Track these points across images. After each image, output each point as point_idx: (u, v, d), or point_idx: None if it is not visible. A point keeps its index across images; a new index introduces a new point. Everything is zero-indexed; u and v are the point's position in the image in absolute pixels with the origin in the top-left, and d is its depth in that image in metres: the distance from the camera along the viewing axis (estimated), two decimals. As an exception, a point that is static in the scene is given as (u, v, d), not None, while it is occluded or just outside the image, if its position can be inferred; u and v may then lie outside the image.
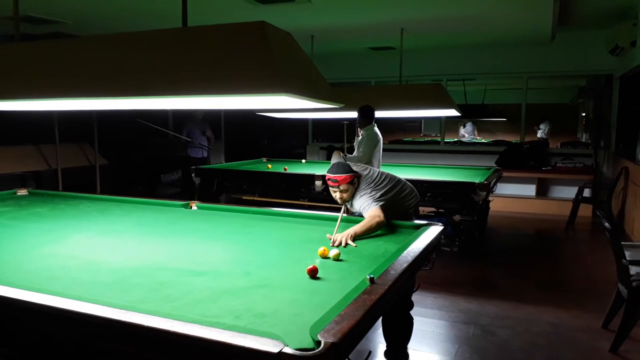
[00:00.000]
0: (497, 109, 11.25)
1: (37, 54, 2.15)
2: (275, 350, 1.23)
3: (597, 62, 7.31)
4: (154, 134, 7.86)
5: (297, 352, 1.22)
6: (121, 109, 2.22)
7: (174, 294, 1.71)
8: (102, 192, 6.02)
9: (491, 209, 5.76)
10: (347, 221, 2.75)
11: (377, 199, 2.80)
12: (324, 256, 2.17)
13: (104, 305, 1.51)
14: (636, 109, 6.65)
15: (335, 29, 6.35)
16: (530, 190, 7.80)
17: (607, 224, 3.05)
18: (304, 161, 6.78)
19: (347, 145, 5.18)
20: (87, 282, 1.83)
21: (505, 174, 6.03)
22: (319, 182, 4.73)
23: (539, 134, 11.81)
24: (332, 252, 2.17)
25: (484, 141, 11.43)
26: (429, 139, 12.32)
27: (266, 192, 5.18)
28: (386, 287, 1.69)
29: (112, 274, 1.93)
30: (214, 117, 9.14)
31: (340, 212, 2.81)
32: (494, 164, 7.13)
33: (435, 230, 2.55)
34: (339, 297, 1.62)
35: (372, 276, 1.74)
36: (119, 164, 7.06)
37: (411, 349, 2.58)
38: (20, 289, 1.65)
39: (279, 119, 6.03)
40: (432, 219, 4.25)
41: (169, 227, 2.84)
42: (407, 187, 3.17)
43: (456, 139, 11.47)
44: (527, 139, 8.71)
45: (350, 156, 4.52)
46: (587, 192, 6.97)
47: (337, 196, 2.88)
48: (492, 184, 4.72)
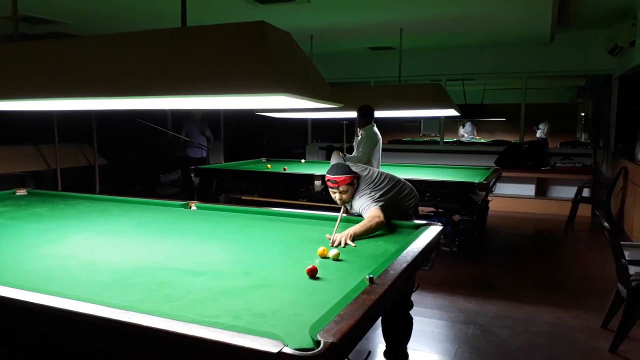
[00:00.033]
0: (496, 108, 11.26)
1: (36, 54, 2.14)
2: (274, 350, 1.23)
3: (596, 62, 7.32)
4: (154, 134, 7.86)
5: (297, 352, 1.22)
6: (120, 108, 2.22)
7: (173, 294, 1.71)
8: (102, 192, 6.02)
9: (490, 209, 5.77)
10: (347, 221, 2.74)
11: (376, 200, 2.80)
12: (324, 256, 2.17)
13: (103, 305, 1.51)
14: (635, 109, 6.66)
15: (334, 29, 6.35)
16: (529, 190, 7.80)
17: (606, 224, 3.05)
18: (303, 161, 6.79)
19: (346, 145, 5.18)
20: (86, 282, 1.83)
21: (504, 174, 6.03)
22: (318, 182, 4.73)
23: (538, 134, 11.82)
24: (332, 252, 2.17)
25: (483, 141, 11.44)
26: (428, 139, 12.32)
27: (265, 192, 5.18)
28: (386, 287, 1.69)
29: (111, 274, 1.93)
30: (213, 117, 9.13)
31: (339, 212, 2.81)
32: (493, 164, 7.12)
33: (434, 230, 2.55)
34: (339, 297, 1.62)
35: (371, 276, 1.74)
36: (118, 164, 7.05)
37: (411, 348, 2.58)
38: (19, 289, 1.65)
39: (279, 119, 6.03)
40: (431, 218, 4.26)
41: (169, 227, 2.84)
42: (407, 187, 3.17)
43: (455, 139, 11.47)
44: (526, 139, 8.72)
45: (349, 156, 4.52)
46: (586, 192, 6.97)
47: (336, 197, 2.88)
48: (491, 183, 4.73)
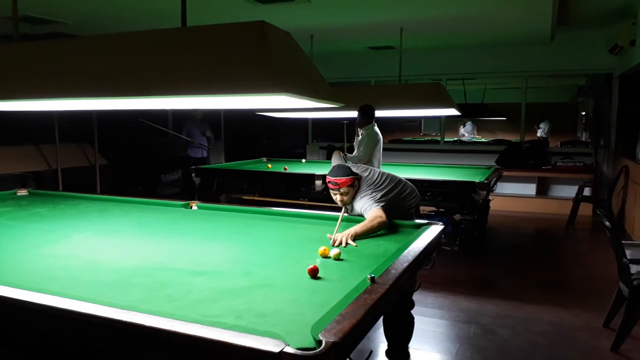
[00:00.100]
0: (496, 108, 11.26)
1: (36, 54, 2.14)
2: (276, 349, 1.22)
3: (597, 61, 7.31)
4: (154, 134, 7.86)
5: (298, 352, 1.22)
6: (121, 109, 2.22)
7: (175, 294, 1.71)
8: (102, 192, 6.02)
9: (491, 208, 5.77)
10: (348, 221, 2.74)
11: (378, 200, 2.79)
12: (325, 256, 2.17)
13: (105, 305, 1.51)
14: (636, 108, 6.65)
15: (334, 29, 6.34)
16: (530, 189, 7.80)
17: (607, 223, 3.04)
18: (304, 161, 6.78)
19: (347, 144, 5.18)
20: (87, 282, 1.83)
21: (505, 173, 6.02)
22: (319, 182, 4.73)
23: (538, 133, 11.81)
24: (333, 252, 2.17)
25: (483, 140, 11.43)
26: (429, 138, 12.32)
27: (266, 192, 5.18)
28: (387, 287, 1.69)
29: (113, 274, 1.93)
30: (214, 117, 9.13)
31: (340, 211, 2.81)
32: (494, 163, 7.12)
33: (435, 229, 2.55)
34: (340, 297, 1.62)
35: (372, 275, 1.74)
36: (119, 164, 7.06)
37: (412, 348, 2.58)
38: (20, 289, 1.65)
39: (279, 118, 6.02)
40: (432, 218, 4.25)
41: (170, 227, 2.84)
42: (408, 187, 3.17)
43: (456, 138, 11.47)
44: (527, 138, 8.71)
45: (350, 156, 4.52)
46: (587, 191, 6.96)
47: (337, 198, 2.88)
48: (492, 183, 4.72)
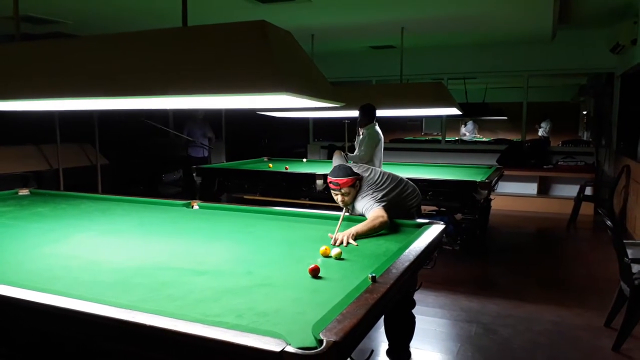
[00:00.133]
0: (498, 107, 11.24)
1: (37, 54, 2.14)
2: (277, 349, 1.22)
3: (598, 60, 7.30)
4: (155, 134, 7.86)
5: (300, 351, 1.22)
6: (122, 108, 2.22)
7: (176, 294, 1.71)
8: (104, 192, 6.03)
9: (493, 208, 5.76)
10: (349, 220, 2.74)
11: (379, 200, 2.79)
12: (326, 255, 2.17)
13: (106, 304, 1.51)
14: (637, 108, 6.64)
15: (335, 28, 6.34)
16: (531, 188, 7.79)
17: (608, 222, 3.04)
18: (305, 160, 6.78)
19: (348, 144, 5.18)
20: (88, 282, 1.83)
21: (506, 173, 6.02)
22: (320, 181, 4.73)
23: (540, 133, 11.80)
24: (334, 251, 2.17)
25: (485, 140, 11.41)
26: (430, 137, 12.31)
27: (267, 192, 5.18)
28: (388, 286, 1.69)
29: (114, 274, 1.93)
30: (215, 117, 9.13)
31: (341, 211, 2.80)
32: (495, 163, 7.12)
33: (436, 229, 2.55)
34: (341, 296, 1.62)
35: (374, 275, 1.74)
36: (120, 164, 7.06)
37: (413, 347, 2.58)
38: (21, 288, 1.65)
39: (280, 118, 6.03)
40: (433, 217, 4.25)
41: (171, 226, 2.84)
42: (409, 186, 3.17)
43: (457, 138, 11.46)
44: (528, 138, 8.70)
45: (351, 155, 4.52)
46: (588, 191, 6.95)
47: (338, 199, 2.88)
48: (493, 182, 4.72)
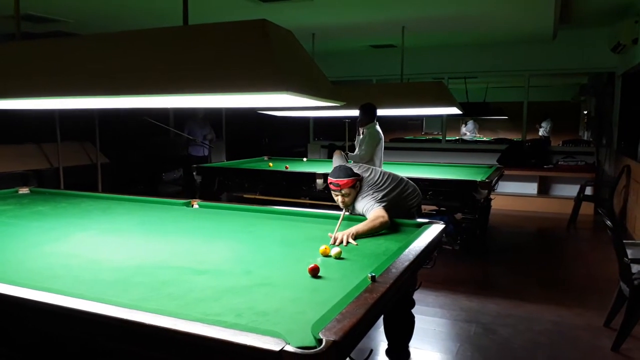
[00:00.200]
0: (498, 107, 11.24)
1: (37, 53, 2.14)
2: (277, 348, 1.23)
3: (599, 59, 7.30)
4: (156, 133, 7.86)
5: (299, 350, 1.22)
6: (122, 107, 2.22)
7: (176, 293, 1.71)
8: (104, 191, 6.03)
9: (493, 207, 5.76)
10: (349, 219, 2.75)
11: (379, 200, 2.79)
12: (326, 254, 2.17)
13: (106, 303, 1.51)
14: (638, 107, 6.63)
15: (336, 27, 6.34)
16: (531, 188, 7.79)
17: (608, 222, 3.04)
18: (305, 159, 6.78)
19: (348, 143, 5.18)
20: (88, 281, 1.84)
21: (506, 172, 6.02)
22: (320, 181, 4.73)
23: (540, 132, 11.80)
24: (334, 251, 2.16)
25: (485, 139, 11.41)
26: (431, 137, 12.31)
27: (267, 191, 5.18)
28: (388, 286, 1.69)
29: (114, 273, 1.93)
30: (215, 116, 9.13)
31: (341, 210, 2.80)
32: (495, 162, 7.11)
33: (436, 228, 2.54)
34: (341, 296, 1.62)
35: (373, 274, 1.74)
36: (121, 163, 7.06)
37: (413, 347, 2.58)
38: (22, 287, 1.65)
39: (280, 117, 6.03)
40: (433, 217, 4.25)
41: (171, 225, 2.84)
42: (410, 186, 3.17)
43: (457, 137, 11.45)
44: (528, 137, 8.70)
45: (351, 154, 4.52)
46: (589, 190, 6.95)
47: (338, 200, 2.88)
48: (493, 182, 4.72)
